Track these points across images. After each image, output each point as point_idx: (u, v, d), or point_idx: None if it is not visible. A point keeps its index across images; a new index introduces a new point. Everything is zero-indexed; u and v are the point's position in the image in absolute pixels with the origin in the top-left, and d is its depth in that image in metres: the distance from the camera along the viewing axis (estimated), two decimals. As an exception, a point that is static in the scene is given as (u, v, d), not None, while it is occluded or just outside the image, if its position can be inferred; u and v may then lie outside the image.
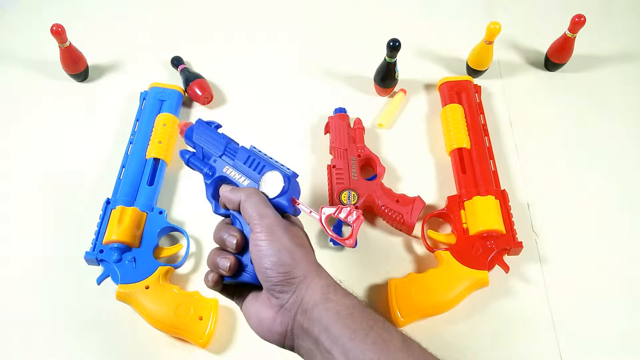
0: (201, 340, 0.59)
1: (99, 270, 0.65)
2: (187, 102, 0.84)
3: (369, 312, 0.42)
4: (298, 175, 0.50)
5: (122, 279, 0.62)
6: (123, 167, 0.73)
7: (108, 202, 0.68)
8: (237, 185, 0.50)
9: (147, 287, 0.62)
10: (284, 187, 0.48)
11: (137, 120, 0.78)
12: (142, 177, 0.71)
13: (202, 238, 0.70)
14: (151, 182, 0.71)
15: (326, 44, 0.91)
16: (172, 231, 0.70)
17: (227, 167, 0.51)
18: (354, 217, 0.48)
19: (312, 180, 0.75)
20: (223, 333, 0.62)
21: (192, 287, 0.66)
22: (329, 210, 0.49)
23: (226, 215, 0.51)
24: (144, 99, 0.80)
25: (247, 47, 0.91)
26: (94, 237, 0.66)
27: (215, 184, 0.51)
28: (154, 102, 0.79)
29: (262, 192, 0.48)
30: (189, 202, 0.73)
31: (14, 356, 0.61)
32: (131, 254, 0.64)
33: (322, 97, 0.83)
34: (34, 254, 0.68)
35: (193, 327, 0.60)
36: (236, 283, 0.47)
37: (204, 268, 0.67)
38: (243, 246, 0.46)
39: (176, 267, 0.66)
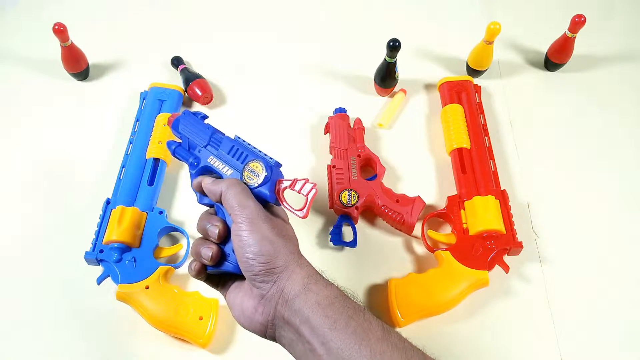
0: (201, 340, 0.59)
1: (99, 270, 0.65)
2: (187, 102, 0.84)
3: (350, 302, 0.43)
4: (281, 165, 0.50)
5: (122, 279, 0.62)
6: (123, 167, 0.73)
7: (108, 202, 0.68)
8: (220, 175, 0.50)
9: (147, 287, 0.62)
10: (266, 176, 0.48)
11: (137, 120, 0.78)
12: (142, 177, 0.71)
13: (202, 238, 0.70)
14: (151, 182, 0.71)
15: (326, 44, 0.91)
16: (172, 231, 0.70)
17: (212, 157, 0.51)
18: (308, 189, 0.48)
19: (312, 180, 0.74)
20: (223, 333, 0.62)
21: (192, 287, 0.66)
22: (285, 184, 0.49)
23: (210, 205, 0.51)
24: (144, 99, 0.80)
25: (247, 47, 0.91)
26: (94, 237, 0.66)
27: (199, 174, 0.52)
28: (154, 102, 0.79)
29: (245, 182, 0.48)
30: (189, 202, 0.73)
31: (14, 356, 0.61)
32: (131, 254, 0.64)
33: (322, 97, 0.83)
34: (34, 254, 0.68)
35: (193, 327, 0.60)
36: (219, 272, 0.48)
37: (204, 268, 0.68)
38: (225, 236, 0.47)
39: (176, 267, 0.66)
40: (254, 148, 0.51)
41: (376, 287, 0.66)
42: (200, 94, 0.81)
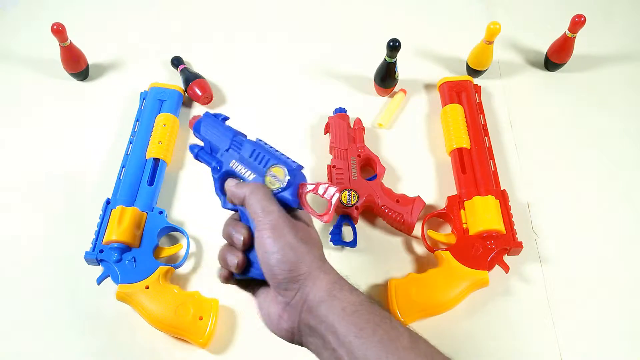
0: (201, 340, 0.59)
1: (99, 270, 0.64)
2: (187, 102, 0.84)
3: (376, 309, 0.42)
4: (303, 167, 0.49)
5: (122, 279, 0.62)
6: (123, 167, 0.73)
7: (108, 202, 0.68)
8: (243, 179, 0.49)
9: (147, 287, 0.62)
10: (289, 180, 0.47)
11: (137, 120, 0.78)
12: (142, 177, 0.71)
13: (202, 238, 0.70)
14: (151, 182, 0.71)
15: (326, 44, 0.91)
16: (172, 231, 0.70)
17: (234, 161, 0.50)
18: (331, 193, 0.47)
19: (312, 180, 0.74)
20: (223, 333, 0.62)
21: (192, 287, 0.66)
22: (308, 187, 0.48)
23: (234, 210, 0.50)
24: (144, 99, 0.80)
25: (247, 47, 0.91)
26: (94, 237, 0.66)
27: (222, 178, 0.51)
28: (154, 102, 0.79)
29: (267, 187, 0.47)
30: (189, 202, 0.73)
31: (14, 356, 0.61)
32: (131, 254, 0.64)
33: (322, 97, 0.83)
34: (34, 253, 0.68)
35: (193, 327, 0.60)
36: (246, 279, 0.47)
37: (204, 268, 0.68)
38: (250, 243, 0.46)
39: (176, 267, 0.66)
40: (276, 151, 0.49)
41: (376, 287, 0.66)
42: (200, 94, 0.81)
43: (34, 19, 0.94)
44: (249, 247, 0.46)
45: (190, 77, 0.81)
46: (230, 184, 0.49)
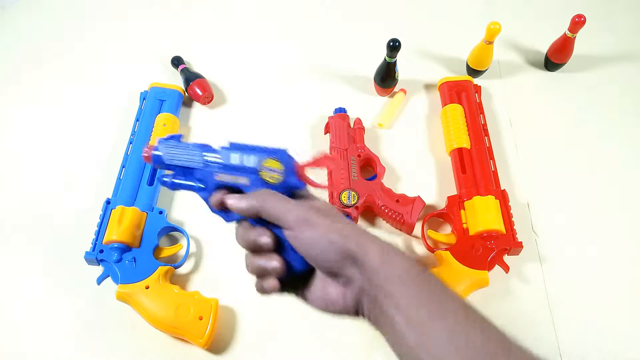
0: (201, 340, 0.59)
1: (99, 270, 0.64)
2: (187, 102, 0.84)
3: (429, 277, 0.42)
4: (287, 149, 0.47)
5: (122, 279, 0.62)
6: (123, 167, 0.73)
7: (108, 202, 0.68)
8: (237, 187, 0.47)
9: (147, 287, 0.62)
10: (286, 168, 0.46)
11: (137, 120, 0.78)
12: (142, 177, 0.71)
13: (202, 238, 0.70)
14: (151, 182, 0.71)
15: (326, 44, 0.91)
16: (172, 231, 0.70)
17: (217, 174, 0.47)
18: (323, 161, 0.46)
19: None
20: (223, 333, 0.62)
21: (192, 287, 0.66)
22: (303, 163, 0.47)
23: (240, 219, 0.47)
24: (144, 99, 0.80)
25: (248, 47, 0.91)
26: (94, 237, 0.66)
27: (212, 196, 0.48)
28: (154, 102, 0.79)
29: (269, 182, 0.46)
30: (189, 202, 0.73)
31: (15, 356, 0.61)
32: (131, 254, 0.64)
33: (322, 97, 0.83)
34: (34, 254, 0.68)
35: (193, 327, 0.60)
36: (293, 277, 0.45)
37: (204, 268, 0.68)
38: (277, 243, 0.45)
39: (176, 267, 0.66)
40: (253, 146, 0.47)
41: (376, 287, 0.66)
42: (200, 93, 0.81)
43: (33, 18, 0.94)
44: (276, 248, 0.44)
45: (190, 77, 0.81)
46: (231, 201, 0.46)
